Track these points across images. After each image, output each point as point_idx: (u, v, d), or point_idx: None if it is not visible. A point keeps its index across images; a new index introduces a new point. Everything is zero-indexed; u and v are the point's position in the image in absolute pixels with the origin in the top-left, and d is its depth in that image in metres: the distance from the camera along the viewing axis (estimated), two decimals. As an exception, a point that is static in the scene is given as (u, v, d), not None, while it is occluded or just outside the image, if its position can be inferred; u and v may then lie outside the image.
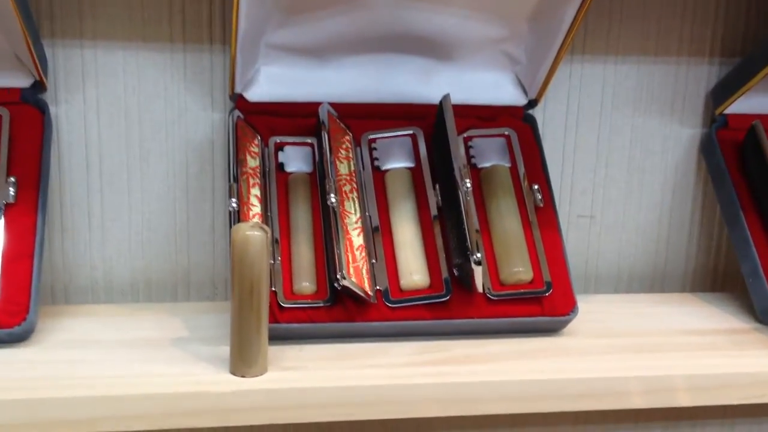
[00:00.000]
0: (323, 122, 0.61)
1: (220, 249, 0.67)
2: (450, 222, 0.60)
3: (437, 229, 0.60)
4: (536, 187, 0.63)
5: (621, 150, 0.71)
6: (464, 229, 0.56)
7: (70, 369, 0.52)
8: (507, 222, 0.61)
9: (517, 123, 0.66)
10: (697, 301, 0.70)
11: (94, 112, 0.64)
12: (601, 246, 0.73)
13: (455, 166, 0.58)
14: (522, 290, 0.59)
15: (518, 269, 0.59)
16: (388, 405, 0.52)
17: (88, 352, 0.55)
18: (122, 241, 0.66)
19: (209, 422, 0.51)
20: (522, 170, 0.64)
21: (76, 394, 0.49)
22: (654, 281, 0.75)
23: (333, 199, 0.58)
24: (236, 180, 0.59)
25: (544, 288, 0.60)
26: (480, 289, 0.57)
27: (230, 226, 0.55)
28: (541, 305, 0.59)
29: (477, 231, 0.56)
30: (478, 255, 0.55)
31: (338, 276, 0.55)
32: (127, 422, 0.50)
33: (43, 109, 0.61)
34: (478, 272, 0.55)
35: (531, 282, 0.60)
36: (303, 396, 0.52)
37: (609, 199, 0.72)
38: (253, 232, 0.49)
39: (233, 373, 0.52)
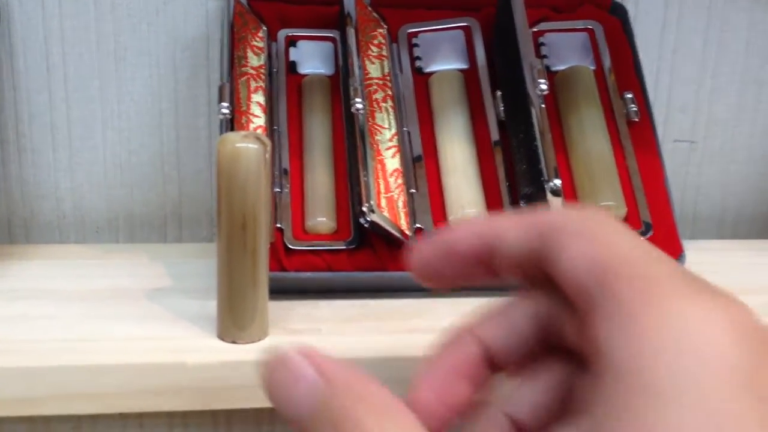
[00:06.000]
0: (348, 11, 0.55)
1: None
2: (516, 140, 0.52)
3: (498, 150, 0.53)
4: (629, 96, 0.55)
5: (733, 55, 0.63)
6: (536, 147, 0.48)
7: (4, 328, 0.44)
8: (591, 141, 0.53)
9: (603, 15, 0.58)
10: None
11: (55, -3, 0.57)
12: (702, 179, 0.66)
13: (524, 64, 0.50)
14: (613, 232, 0.51)
15: (608, 203, 0.52)
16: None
17: (35, 306, 0.47)
18: (95, 165, 0.59)
19: (184, 404, 0.41)
20: (610, 75, 0.56)
21: (2, 363, 0.41)
22: (767, 224, 0.68)
23: (359, 106, 0.50)
24: (231, 80, 0.51)
25: (642, 229, 0.52)
26: (557, 228, 0.48)
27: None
28: (637, 252, 0.50)
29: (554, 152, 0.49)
30: (557, 182, 0.47)
31: (365, 209, 0.48)
32: (70, 403, 0.41)
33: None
34: (556, 206, 0.47)
35: (625, 220, 0.52)
36: (315, 370, 0.42)
37: (715, 119, 0.64)
38: (247, 144, 0.41)
39: (221, 337, 0.44)
